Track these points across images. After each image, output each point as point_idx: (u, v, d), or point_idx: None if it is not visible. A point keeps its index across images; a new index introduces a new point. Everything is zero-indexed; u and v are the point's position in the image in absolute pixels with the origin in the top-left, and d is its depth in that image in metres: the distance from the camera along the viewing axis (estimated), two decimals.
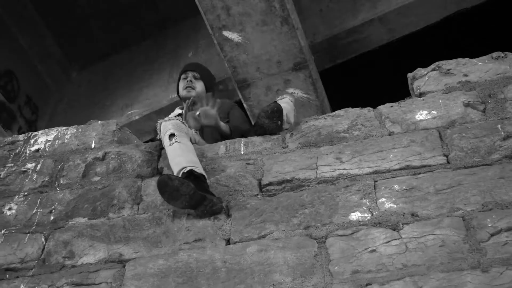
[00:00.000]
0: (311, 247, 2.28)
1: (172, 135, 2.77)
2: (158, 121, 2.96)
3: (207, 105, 3.25)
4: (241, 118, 3.52)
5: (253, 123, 3.63)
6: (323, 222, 2.38)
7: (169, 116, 3.52)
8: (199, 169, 2.63)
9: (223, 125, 3.23)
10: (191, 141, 2.89)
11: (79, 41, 7.90)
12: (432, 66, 2.96)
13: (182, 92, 3.63)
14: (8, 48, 7.30)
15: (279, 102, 3.08)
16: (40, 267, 2.56)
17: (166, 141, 2.78)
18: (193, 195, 2.48)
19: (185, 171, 2.59)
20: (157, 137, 2.98)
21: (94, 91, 7.59)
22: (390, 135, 2.68)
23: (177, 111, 3.62)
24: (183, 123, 2.95)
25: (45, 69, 7.90)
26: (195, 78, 3.65)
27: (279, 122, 2.92)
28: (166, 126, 2.85)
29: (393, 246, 2.17)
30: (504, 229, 2.11)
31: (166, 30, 7.55)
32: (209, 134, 3.26)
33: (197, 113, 3.17)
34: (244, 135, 3.08)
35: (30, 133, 3.31)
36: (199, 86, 3.63)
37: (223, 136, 3.19)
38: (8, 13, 7.44)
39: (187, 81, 3.62)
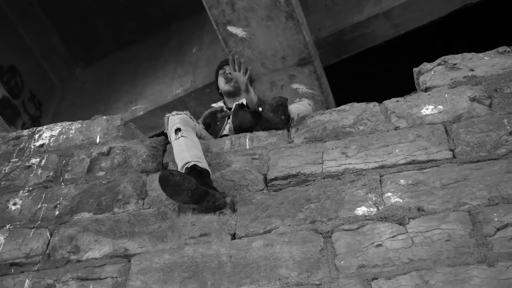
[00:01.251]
0: (317, 242, 2.28)
1: (178, 130, 2.77)
2: (166, 115, 2.96)
3: (239, 71, 3.30)
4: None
5: None
6: (329, 216, 2.37)
7: (213, 104, 3.61)
8: (203, 164, 2.63)
9: (252, 92, 3.18)
10: (197, 136, 2.89)
11: (84, 37, 7.90)
12: (438, 60, 2.95)
13: (225, 87, 3.59)
14: (12, 44, 7.30)
15: (296, 103, 3.08)
16: (45, 262, 2.57)
17: (172, 136, 2.79)
18: (195, 190, 2.48)
19: (188, 166, 2.59)
20: (165, 131, 2.97)
21: (99, 88, 7.59)
22: (396, 129, 2.67)
23: (220, 103, 3.62)
24: (191, 117, 2.95)
25: (50, 65, 7.90)
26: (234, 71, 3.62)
27: (283, 117, 2.91)
28: (173, 121, 2.85)
29: (399, 241, 2.17)
30: (510, 224, 2.10)
31: (170, 26, 7.54)
32: (238, 121, 3.23)
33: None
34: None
35: (34, 128, 3.31)
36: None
37: (251, 119, 3.17)
38: (13, 10, 7.44)
39: (226, 74, 3.60)
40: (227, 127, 3.35)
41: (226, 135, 3.25)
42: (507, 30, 5.97)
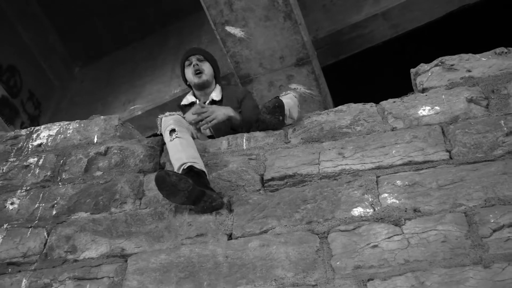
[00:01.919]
0: (313, 242, 2.28)
1: (172, 131, 2.76)
2: (159, 116, 2.95)
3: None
4: (252, 108, 3.39)
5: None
6: (325, 217, 2.37)
7: (182, 102, 3.53)
8: (200, 165, 2.63)
9: (234, 117, 3.16)
10: (192, 136, 2.88)
11: (82, 37, 7.91)
12: (435, 61, 2.95)
13: (194, 79, 3.47)
14: (11, 44, 7.31)
15: (283, 97, 3.06)
16: (42, 262, 2.57)
17: (167, 137, 2.78)
18: (192, 191, 2.48)
19: (185, 167, 2.59)
20: (158, 132, 2.96)
21: (97, 87, 7.60)
22: (392, 130, 2.68)
23: (190, 98, 3.53)
24: (183, 117, 2.95)
25: (48, 64, 7.91)
26: (200, 61, 3.53)
27: (281, 118, 2.91)
28: (167, 122, 2.84)
29: (395, 242, 2.17)
30: (506, 225, 2.10)
31: (168, 26, 7.55)
32: (220, 128, 3.21)
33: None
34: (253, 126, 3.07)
35: (32, 127, 3.31)
36: (206, 67, 3.51)
37: (233, 129, 3.16)
38: (11, 9, 7.44)
39: (193, 66, 3.48)
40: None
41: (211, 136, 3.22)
42: (504, 31, 5.97)
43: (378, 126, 2.72)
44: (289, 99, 3.07)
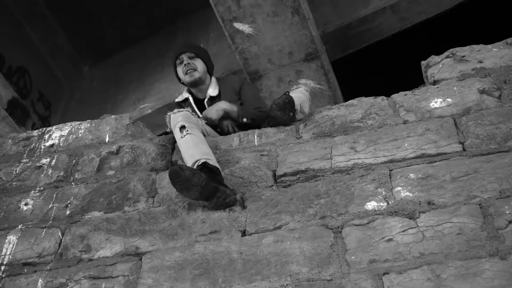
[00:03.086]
0: (327, 237, 2.28)
1: (183, 127, 2.76)
2: (167, 114, 2.94)
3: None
4: (251, 98, 3.42)
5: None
6: (339, 212, 2.37)
7: (177, 99, 3.52)
8: (213, 161, 2.63)
9: (229, 109, 3.20)
10: (202, 132, 2.88)
11: (90, 36, 7.92)
12: (446, 53, 2.94)
13: (186, 78, 3.45)
14: (20, 45, 7.33)
15: (293, 91, 3.05)
16: (58, 261, 2.58)
17: (177, 134, 2.77)
18: (205, 186, 2.47)
19: (199, 164, 2.58)
20: (167, 130, 2.96)
21: (106, 86, 7.62)
22: (404, 123, 2.66)
23: (185, 94, 3.53)
24: (192, 114, 2.94)
25: (57, 64, 7.93)
26: (191, 58, 3.48)
27: (291, 114, 2.90)
28: (176, 119, 2.83)
29: (410, 235, 2.16)
30: None
31: (176, 24, 7.55)
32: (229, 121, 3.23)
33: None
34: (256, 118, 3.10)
35: (44, 128, 3.32)
36: (199, 64, 3.48)
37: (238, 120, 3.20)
38: (19, 10, 7.47)
39: (185, 65, 3.45)
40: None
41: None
42: None
43: (390, 120, 2.71)
44: (300, 93, 3.06)
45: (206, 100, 3.42)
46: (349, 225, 2.30)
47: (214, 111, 3.18)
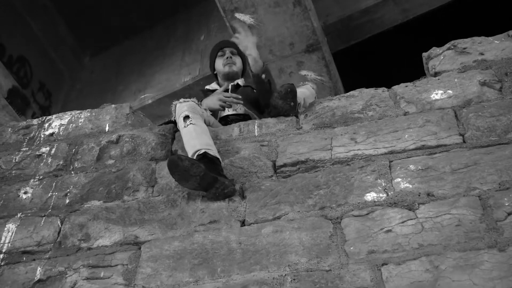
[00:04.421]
0: (326, 228, 2.28)
1: (186, 117, 2.76)
2: (174, 102, 2.95)
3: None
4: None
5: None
6: (338, 202, 2.37)
7: (207, 87, 3.63)
8: (213, 151, 2.63)
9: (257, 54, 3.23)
10: (205, 123, 2.88)
11: (91, 27, 7.91)
12: (447, 45, 2.92)
13: (224, 69, 3.57)
14: (20, 35, 7.32)
15: (299, 87, 3.06)
16: (57, 250, 2.58)
17: (180, 123, 2.78)
18: (204, 177, 2.47)
19: (200, 153, 2.58)
20: (172, 118, 2.96)
21: (107, 77, 7.61)
22: (405, 115, 2.66)
23: (215, 85, 3.62)
24: (198, 104, 2.95)
25: (58, 55, 7.93)
26: (234, 54, 3.64)
27: (292, 103, 2.90)
28: (181, 108, 2.84)
29: (409, 226, 2.16)
30: None
31: (177, 15, 7.54)
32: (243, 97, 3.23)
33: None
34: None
35: (44, 117, 3.32)
36: (238, 61, 3.63)
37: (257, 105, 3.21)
38: (21, 0, 7.45)
39: (227, 57, 3.59)
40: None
41: (227, 116, 3.23)
42: None
43: (391, 111, 2.71)
44: (305, 89, 3.08)
45: (231, 85, 3.50)
46: (348, 216, 2.29)
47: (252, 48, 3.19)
